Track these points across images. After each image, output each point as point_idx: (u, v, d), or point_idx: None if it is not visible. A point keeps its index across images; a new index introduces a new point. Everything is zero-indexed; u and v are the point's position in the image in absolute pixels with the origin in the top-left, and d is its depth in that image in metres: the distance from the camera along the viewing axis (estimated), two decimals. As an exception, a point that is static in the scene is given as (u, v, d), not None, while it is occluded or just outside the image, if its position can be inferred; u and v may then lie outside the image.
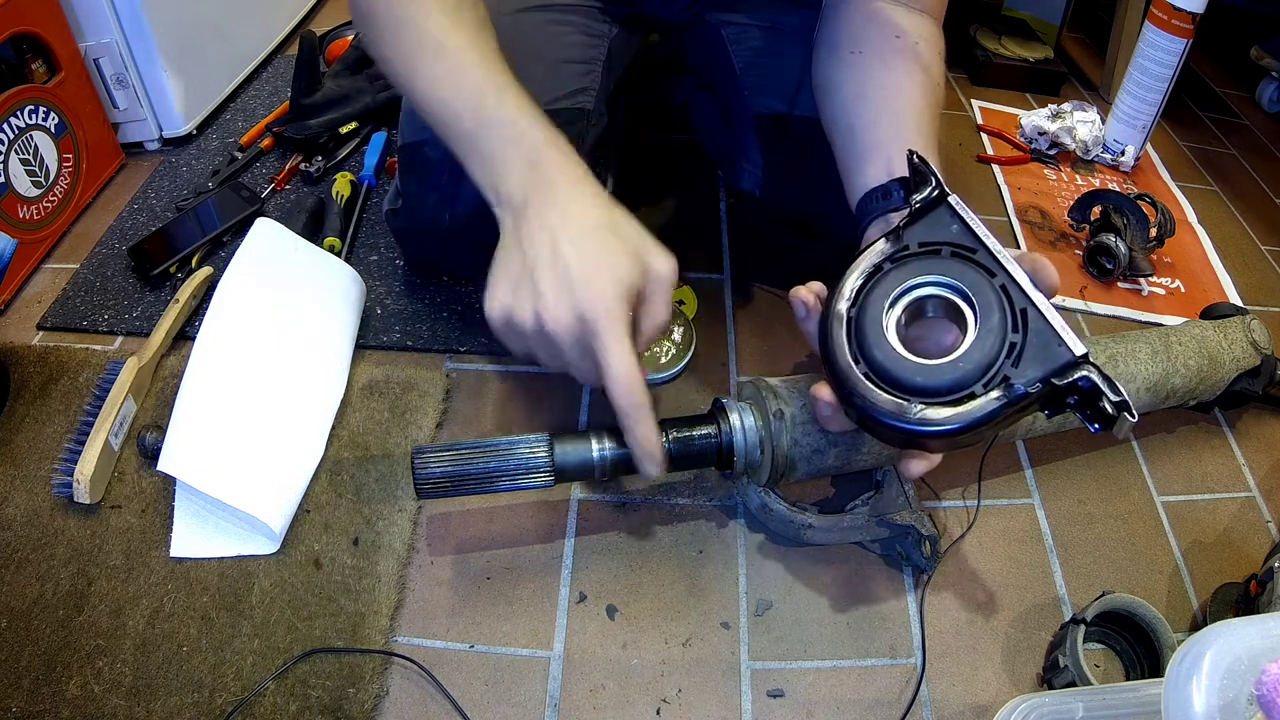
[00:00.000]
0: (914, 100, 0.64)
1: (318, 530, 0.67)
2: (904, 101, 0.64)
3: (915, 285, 0.51)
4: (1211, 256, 1.07)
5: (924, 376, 0.48)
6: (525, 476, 0.60)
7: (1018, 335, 0.47)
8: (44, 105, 0.89)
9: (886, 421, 0.48)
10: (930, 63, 0.67)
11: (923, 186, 0.53)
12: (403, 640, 0.62)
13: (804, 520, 0.67)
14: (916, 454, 0.54)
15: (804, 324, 0.57)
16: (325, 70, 1.09)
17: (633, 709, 0.59)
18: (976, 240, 0.51)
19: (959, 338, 0.50)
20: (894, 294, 0.51)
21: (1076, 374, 0.46)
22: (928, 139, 0.61)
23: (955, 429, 0.47)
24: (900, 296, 0.51)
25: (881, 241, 0.53)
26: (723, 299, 0.91)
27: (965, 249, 0.51)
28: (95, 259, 0.90)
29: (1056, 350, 0.46)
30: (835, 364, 0.51)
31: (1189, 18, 1.05)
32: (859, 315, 0.51)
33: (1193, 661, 0.43)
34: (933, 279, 0.51)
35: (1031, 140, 1.22)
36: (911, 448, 0.53)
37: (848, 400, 0.50)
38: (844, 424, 0.54)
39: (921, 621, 0.65)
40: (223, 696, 0.57)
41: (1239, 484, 0.79)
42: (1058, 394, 0.46)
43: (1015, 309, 0.48)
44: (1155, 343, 0.74)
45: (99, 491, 0.68)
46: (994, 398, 0.47)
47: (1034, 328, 0.47)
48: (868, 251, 0.53)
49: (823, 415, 0.55)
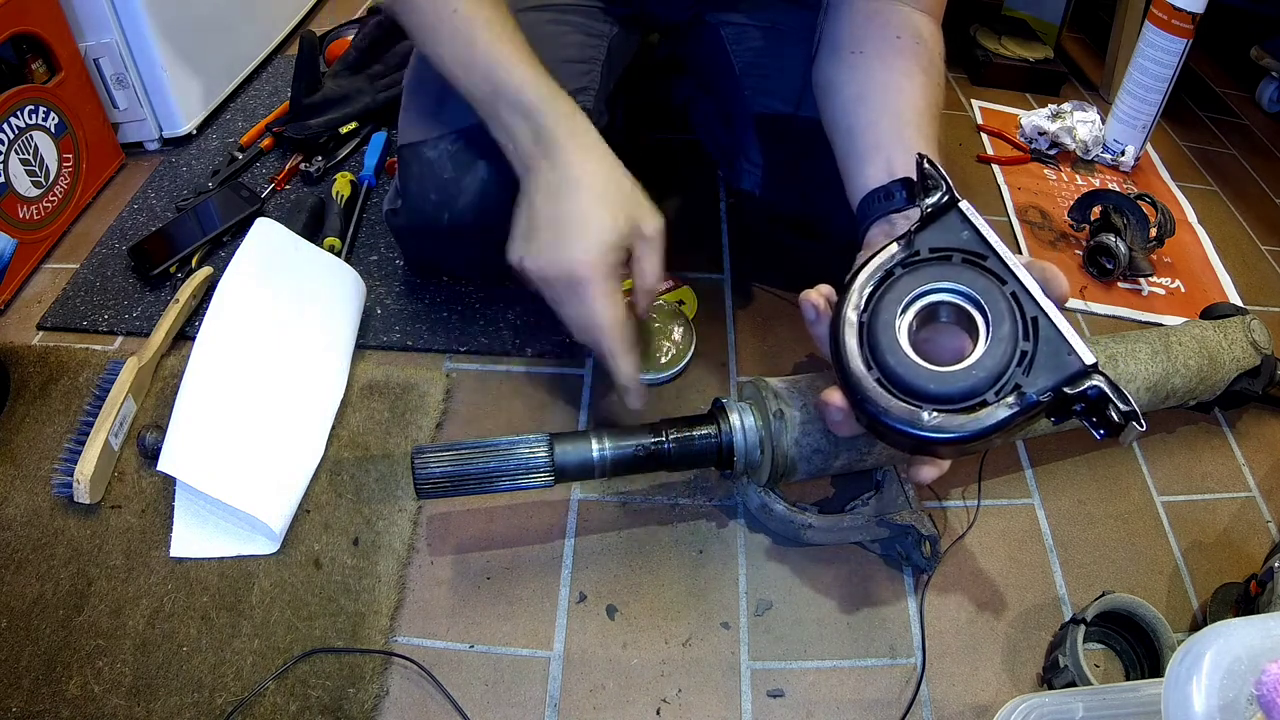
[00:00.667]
0: (914, 101, 0.64)
1: (318, 530, 0.67)
2: (904, 102, 0.64)
3: (927, 291, 0.51)
4: (1211, 256, 1.07)
5: (937, 384, 0.48)
6: (525, 476, 0.60)
7: (1029, 343, 0.48)
8: (44, 105, 0.89)
9: (899, 428, 0.48)
10: (930, 63, 0.67)
11: (933, 191, 0.53)
12: (403, 640, 0.62)
13: (804, 520, 0.67)
14: (927, 460, 0.54)
15: (814, 327, 0.57)
16: (325, 70, 1.09)
17: (633, 709, 0.59)
18: (987, 247, 0.51)
19: (968, 344, 0.50)
20: (906, 299, 0.51)
21: (1087, 383, 0.46)
22: (929, 140, 0.61)
23: (968, 436, 0.47)
24: (912, 302, 0.51)
25: (893, 245, 0.53)
26: (723, 299, 0.91)
27: (976, 255, 0.51)
28: (95, 259, 0.90)
29: (1067, 359, 0.47)
30: (847, 369, 0.50)
31: (1189, 18, 1.05)
32: (871, 320, 0.51)
33: (1193, 661, 0.43)
34: (945, 285, 0.51)
35: (1031, 140, 1.22)
36: (922, 454, 0.53)
37: (859, 406, 0.50)
38: (854, 429, 0.54)
39: (921, 621, 0.65)
40: (223, 696, 0.57)
41: (1239, 484, 0.79)
42: (1067, 401, 0.47)
43: (1026, 317, 0.48)
44: (1155, 343, 0.74)
45: (99, 491, 0.68)
46: (1007, 404, 0.47)
47: (1045, 335, 0.47)
48: (878, 255, 0.53)
49: (833, 420, 0.54)
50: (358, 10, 1.43)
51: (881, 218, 0.60)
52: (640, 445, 0.62)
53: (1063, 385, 0.46)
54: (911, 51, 0.66)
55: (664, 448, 0.62)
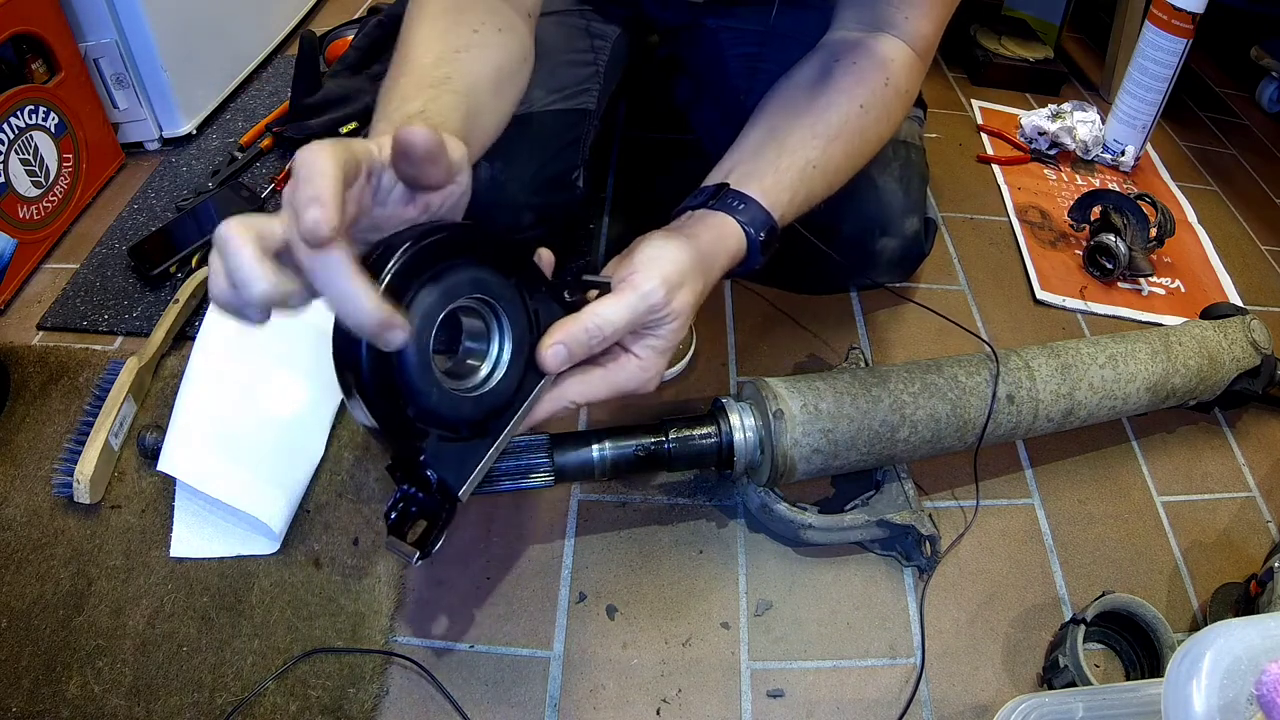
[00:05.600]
0: (811, 141, 0.62)
1: (318, 530, 0.67)
2: (798, 124, 0.63)
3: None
4: (1211, 256, 1.07)
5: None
6: (525, 476, 0.60)
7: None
8: (44, 105, 0.89)
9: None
10: (872, 95, 0.65)
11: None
12: (403, 640, 0.62)
13: (804, 520, 0.67)
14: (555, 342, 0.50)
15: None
16: (325, 70, 1.09)
17: (633, 709, 0.59)
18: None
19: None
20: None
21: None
22: (787, 172, 0.61)
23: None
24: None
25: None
26: (723, 299, 0.91)
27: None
28: (95, 259, 0.90)
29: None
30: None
31: (1189, 18, 1.05)
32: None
33: (1193, 661, 0.43)
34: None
35: (1031, 140, 1.22)
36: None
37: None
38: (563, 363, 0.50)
39: (921, 621, 0.65)
40: (223, 696, 0.57)
41: (1239, 484, 0.79)
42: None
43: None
44: (1155, 343, 0.74)
45: (99, 491, 0.67)
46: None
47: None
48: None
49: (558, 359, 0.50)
50: (358, 10, 1.43)
51: (684, 210, 0.60)
52: (640, 446, 0.62)
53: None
54: (864, 91, 0.65)
55: (664, 448, 0.62)
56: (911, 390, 0.66)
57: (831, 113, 0.64)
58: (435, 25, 0.55)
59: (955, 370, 0.68)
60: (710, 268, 0.56)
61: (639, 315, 0.50)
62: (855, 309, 0.92)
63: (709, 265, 0.55)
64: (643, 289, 0.50)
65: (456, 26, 0.56)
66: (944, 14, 0.69)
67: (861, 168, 0.68)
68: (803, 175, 0.61)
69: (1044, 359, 0.70)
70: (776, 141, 0.63)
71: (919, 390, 0.66)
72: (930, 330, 0.90)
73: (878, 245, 0.84)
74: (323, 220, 0.35)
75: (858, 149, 0.65)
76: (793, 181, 0.61)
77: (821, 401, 0.64)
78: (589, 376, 0.52)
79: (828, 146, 0.63)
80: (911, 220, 0.85)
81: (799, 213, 0.63)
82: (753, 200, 0.59)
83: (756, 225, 0.58)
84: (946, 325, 0.87)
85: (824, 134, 0.63)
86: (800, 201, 0.62)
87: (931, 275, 0.97)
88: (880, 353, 0.87)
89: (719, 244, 0.57)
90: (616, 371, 0.53)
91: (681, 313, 0.52)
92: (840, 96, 0.64)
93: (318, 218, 0.35)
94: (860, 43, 0.67)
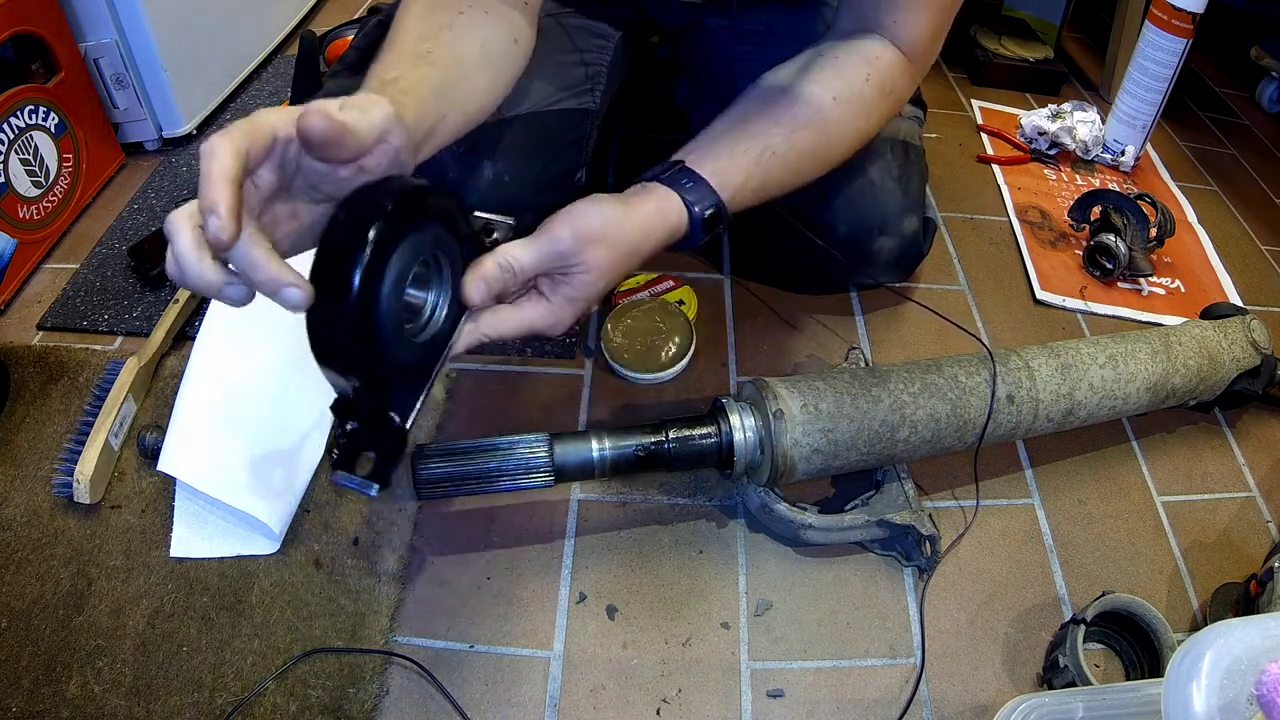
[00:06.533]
0: (773, 129, 0.63)
1: (318, 530, 0.67)
2: (762, 124, 0.63)
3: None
4: (1211, 256, 1.07)
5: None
6: (525, 476, 0.60)
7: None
8: (44, 105, 0.89)
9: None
10: (855, 98, 0.66)
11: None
12: (403, 640, 0.62)
13: (804, 520, 0.67)
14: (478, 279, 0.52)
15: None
16: (325, 70, 1.09)
17: (633, 709, 0.59)
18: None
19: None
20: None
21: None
22: (743, 156, 0.62)
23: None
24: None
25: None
26: (723, 299, 0.91)
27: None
28: (95, 259, 0.90)
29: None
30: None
31: (1189, 18, 1.05)
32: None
33: (1193, 661, 0.43)
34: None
35: (1031, 140, 1.22)
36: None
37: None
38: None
39: (921, 621, 0.65)
40: (223, 696, 0.57)
41: (1239, 484, 0.79)
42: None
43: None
44: (1155, 343, 0.74)
45: (99, 491, 0.67)
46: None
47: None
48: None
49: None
50: (358, 10, 1.43)
51: (639, 182, 0.61)
52: (640, 445, 0.62)
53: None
54: (837, 74, 0.66)
55: (664, 448, 0.62)
56: (911, 390, 0.66)
57: (800, 104, 0.64)
58: (423, 7, 0.58)
59: (955, 370, 0.68)
60: (644, 236, 0.58)
61: (546, 258, 0.53)
62: (855, 309, 0.92)
63: (642, 233, 0.58)
64: (553, 234, 0.53)
65: (443, 10, 0.58)
66: (938, 18, 0.69)
67: (839, 161, 0.68)
68: (759, 160, 0.62)
69: (1044, 359, 0.70)
70: (740, 127, 0.64)
71: (919, 390, 0.66)
72: (930, 330, 0.90)
73: (876, 244, 0.84)
74: (219, 231, 0.38)
75: (828, 140, 0.66)
76: (747, 166, 0.62)
77: (821, 401, 0.64)
78: (499, 310, 0.54)
79: (792, 135, 0.63)
80: (910, 220, 0.85)
81: (757, 198, 0.64)
82: (703, 180, 0.60)
83: (702, 204, 0.60)
84: (946, 325, 0.88)
85: (789, 123, 0.64)
86: (755, 186, 0.63)
87: (931, 275, 0.97)
88: (880, 353, 0.87)
89: (657, 215, 0.59)
90: (526, 310, 0.55)
91: (595, 267, 0.54)
92: (813, 88, 0.65)
93: (215, 229, 0.38)
94: (846, 42, 0.68)
